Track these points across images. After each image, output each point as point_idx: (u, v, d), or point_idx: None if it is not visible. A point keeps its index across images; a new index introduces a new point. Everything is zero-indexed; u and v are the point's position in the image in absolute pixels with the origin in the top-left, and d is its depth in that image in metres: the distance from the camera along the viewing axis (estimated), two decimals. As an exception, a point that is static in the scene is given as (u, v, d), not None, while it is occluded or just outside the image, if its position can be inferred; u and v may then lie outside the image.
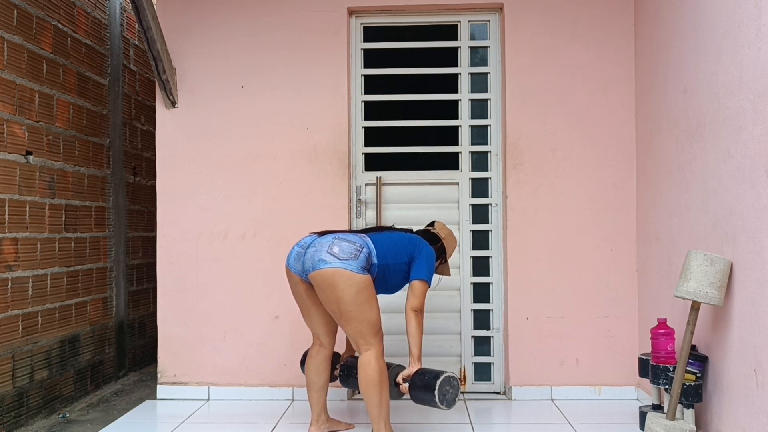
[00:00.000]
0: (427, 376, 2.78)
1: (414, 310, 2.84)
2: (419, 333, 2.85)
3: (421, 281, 2.88)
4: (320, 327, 3.03)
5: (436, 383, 2.71)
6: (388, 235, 2.98)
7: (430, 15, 3.99)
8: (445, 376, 2.75)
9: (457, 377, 2.82)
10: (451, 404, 2.77)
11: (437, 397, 2.71)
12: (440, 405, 2.73)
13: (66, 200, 3.80)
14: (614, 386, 3.77)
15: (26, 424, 3.37)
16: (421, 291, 2.87)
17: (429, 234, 3.13)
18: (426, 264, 2.91)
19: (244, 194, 3.89)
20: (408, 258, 2.92)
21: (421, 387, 2.77)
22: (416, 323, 2.84)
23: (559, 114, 3.83)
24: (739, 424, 2.58)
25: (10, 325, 3.26)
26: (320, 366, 3.05)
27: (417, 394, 2.80)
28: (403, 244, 2.94)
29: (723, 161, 2.68)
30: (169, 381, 3.88)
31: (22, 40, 3.39)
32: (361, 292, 2.75)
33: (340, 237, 2.83)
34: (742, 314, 2.54)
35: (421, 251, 2.94)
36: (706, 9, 2.85)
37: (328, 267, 2.74)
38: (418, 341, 2.85)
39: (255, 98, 3.91)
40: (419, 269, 2.89)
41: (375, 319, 2.82)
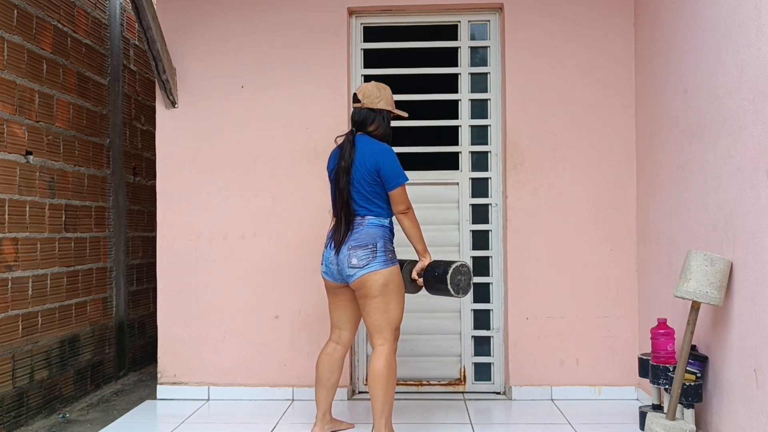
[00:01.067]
0: (437, 271, 2.92)
1: (402, 212, 2.91)
2: (417, 229, 2.94)
3: (397, 188, 2.88)
4: (347, 321, 3.06)
5: (447, 277, 2.86)
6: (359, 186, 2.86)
7: (430, 15, 3.99)
8: (454, 267, 2.88)
9: (467, 264, 2.95)
10: (467, 290, 2.96)
11: (452, 289, 2.87)
12: (456, 294, 2.90)
13: (66, 200, 3.80)
14: (614, 386, 3.77)
15: (26, 424, 3.37)
16: (401, 195, 2.90)
17: (363, 114, 2.95)
18: (392, 167, 2.86)
19: (244, 194, 3.89)
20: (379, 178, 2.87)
21: (435, 281, 2.93)
22: (409, 222, 2.92)
23: (559, 114, 3.83)
24: (739, 424, 2.58)
25: (10, 325, 3.26)
26: (334, 364, 3.06)
27: (432, 286, 2.96)
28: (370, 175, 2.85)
29: (723, 161, 2.68)
30: (169, 381, 3.88)
31: (22, 40, 3.39)
32: (387, 285, 2.84)
33: (353, 246, 2.85)
34: (742, 314, 2.54)
35: (379, 158, 2.85)
36: (706, 9, 2.85)
37: (355, 278, 2.86)
38: (419, 237, 2.95)
39: (255, 98, 3.91)
40: (389, 178, 2.86)
41: (395, 316, 2.88)
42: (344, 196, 2.91)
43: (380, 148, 2.90)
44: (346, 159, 2.91)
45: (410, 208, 2.93)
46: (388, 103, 3.00)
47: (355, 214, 2.91)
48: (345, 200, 2.91)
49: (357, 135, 2.96)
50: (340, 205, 2.94)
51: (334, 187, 2.98)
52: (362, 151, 2.89)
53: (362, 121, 2.97)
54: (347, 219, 2.91)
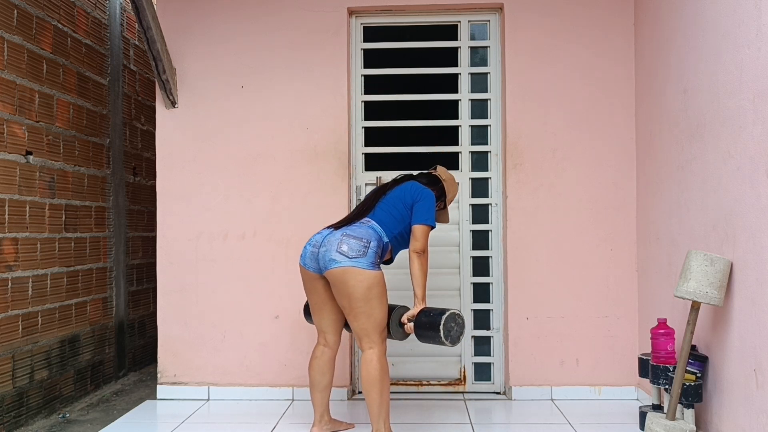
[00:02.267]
0: (432, 313, 2.82)
1: (416, 251, 2.89)
2: (423, 274, 2.89)
3: (422, 225, 2.91)
4: (329, 325, 3.04)
5: (441, 320, 2.75)
6: (387, 203, 2.97)
7: (430, 15, 3.99)
8: (449, 312, 2.79)
9: (461, 315, 2.86)
10: (456, 341, 2.82)
11: (442, 334, 2.75)
12: (445, 341, 2.77)
13: (66, 200, 3.80)
14: (614, 386, 3.77)
15: (26, 424, 3.37)
16: (423, 233, 2.91)
17: (429, 176, 3.15)
18: (426, 207, 2.94)
19: (244, 194, 3.89)
20: (410, 210, 2.96)
21: (426, 325, 2.81)
22: (419, 264, 2.88)
23: (559, 114, 3.83)
24: (739, 424, 2.58)
25: (10, 325, 3.26)
26: (324, 366, 3.06)
27: (422, 332, 2.84)
28: (403, 203, 2.96)
29: (723, 161, 2.68)
30: (169, 381, 3.88)
31: (22, 40, 3.39)
32: (371, 288, 2.79)
33: (347, 233, 2.84)
34: (742, 314, 2.54)
35: (421, 196, 2.97)
36: (706, 9, 2.85)
37: (338, 266, 2.78)
38: (422, 282, 2.89)
39: (255, 98, 3.91)
40: (419, 213, 2.92)
41: (381, 318, 2.85)
42: (369, 202, 3.02)
43: (425, 189, 3.02)
44: (391, 182, 3.10)
45: (426, 252, 2.91)
46: (450, 191, 3.16)
47: (366, 214, 2.95)
48: (369, 203, 3.01)
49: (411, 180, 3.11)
50: (359, 207, 3.03)
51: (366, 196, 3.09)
52: (409, 186, 3.03)
53: (424, 177, 3.12)
54: (359, 213, 2.98)
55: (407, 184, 3.05)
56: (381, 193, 3.05)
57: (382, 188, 3.08)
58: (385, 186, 3.10)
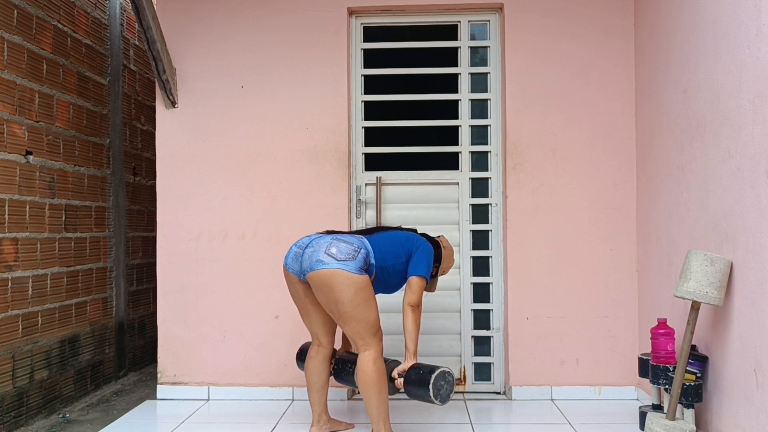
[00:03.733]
0: (422, 370, 2.79)
1: (411, 305, 2.85)
2: (416, 328, 2.86)
3: (419, 277, 2.88)
4: (319, 327, 3.03)
5: (431, 378, 2.73)
6: (387, 235, 2.99)
7: (430, 15, 3.99)
8: (439, 371, 2.76)
9: (452, 373, 2.83)
10: (446, 400, 2.78)
11: (431, 392, 2.72)
12: (434, 400, 2.74)
13: (66, 200, 3.80)
14: (614, 386, 3.77)
15: (26, 424, 3.37)
16: (419, 286, 2.88)
17: (432, 239, 3.12)
18: (424, 260, 2.92)
19: (244, 194, 3.89)
20: (406, 256, 2.93)
21: (416, 382, 2.78)
22: (413, 318, 2.85)
23: (559, 114, 3.83)
24: (739, 424, 2.58)
25: (10, 325, 3.26)
26: (320, 366, 3.06)
27: (412, 389, 2.81)
28: (401, 243, 2.95)
29: (723, 161, 2.68)
30: (169, 381, 3.88)
31: (22, 40, 3.39)
32: (359, 293, 2.76)
33: (338, 238, 2.84)
34: (742, 314, 2.54)
35: (420, 247, 2.96)
36: (706, 9, 2.85)
37: (325, 268, 2.75)
38: (414, 336, 2.86)
39: (255, 98, 3.91)
40: (417, 265, 2.90)
41: (373, 320, 2.83)
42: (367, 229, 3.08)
43: (426, 243, 3.00)
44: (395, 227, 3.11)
45: (420, 306, 2.89)
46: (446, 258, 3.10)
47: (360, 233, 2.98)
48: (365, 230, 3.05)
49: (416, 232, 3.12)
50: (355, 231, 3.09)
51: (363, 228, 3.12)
52: (413, 235, 3.03)
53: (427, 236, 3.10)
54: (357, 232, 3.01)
55: (412, 234, 3.05)
56: (384, 228, 3.08)
57: (386, 227, 3.11)
58: (390, 227, 3.13)
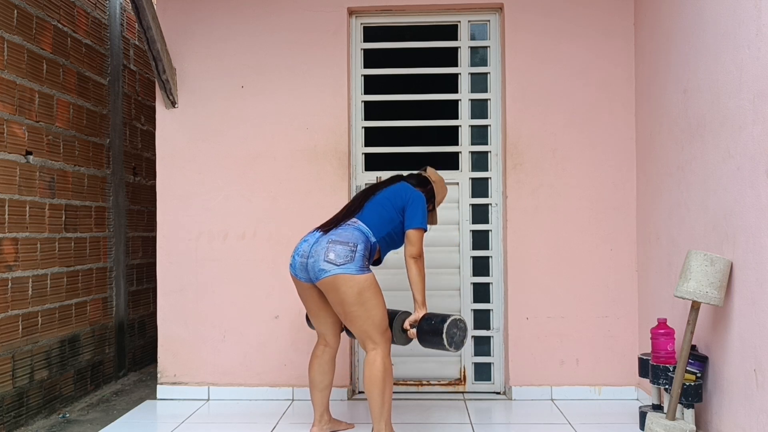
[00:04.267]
0: (434, 320, 2.82)
1: (413, 257, 2.87)
2: (421, 279, 2.88)
3: (416, 229, 2.89)
4: (327, 327, 3.04)
5: (444, 327, 2.76)
6: (376, 204, 2.94)
7: (430, 15, 3.99)
8: (452, 318, 2.79)
9: (464, 319, 2.87)
10: (460, 346, 2.84)
11: (446, 340, 2.76)
12: (449, 347, 2.78)
13: (66, 200, 3.80)
14: (614, 386, 3.77)
15: (26, 424, 3.37)
16: (417, 238, 2.89)
17: (419, 177, 3.12)
18: (418, 211, 2.91)
19: (244, 194, 3.89)
20: (401, 215, 2.93)
21: (429, 331, 2.82)
22: (416, 269, 2.87)
23: (559, 114, 3.83)
24: (739, 424, 2.58)
25: (10, 325, 3.26)
26: (325, 366, 3.05)
27: (425, 338, 2.85)
28: (392, 205, 2.93)
29: (723, 161, 2.68)
30: (169, 381, 3.88)
31: (22, 40, 3.39)
32: (362, 292, 2.76)
33: (333, 240, 2.81)
34: (742, 314, 2.54)
35: (411, 199, 2.94)
36: (706, 9, 2.85)
37: (328, 275, 2.77)
38: (421, 287, 2.88)
39: (255, 98, 3.91)
40: (412, 217, 2.90)
41: (380, 318, 2.83)
42: (357, 202, 2.99)
43: (415, 191, 2.99)
44: (381, 183, 3.04)
45: (422, 256, 2.90)
46: (439, 192, 3.12)
47: (354, 215, 2.91)
48: (357, 202, 2.98)
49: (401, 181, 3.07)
50: (347, 207, 2.99)
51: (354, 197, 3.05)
52: (399, 187, 3.00)
53: (414, 178, 3.09)
54: (347, 213, 2.93)
55: (397, 186, 3.01)
56: (370, 193, 3.01)
57: (372, 189, 3.04)
58: (375, 187, 3.06)
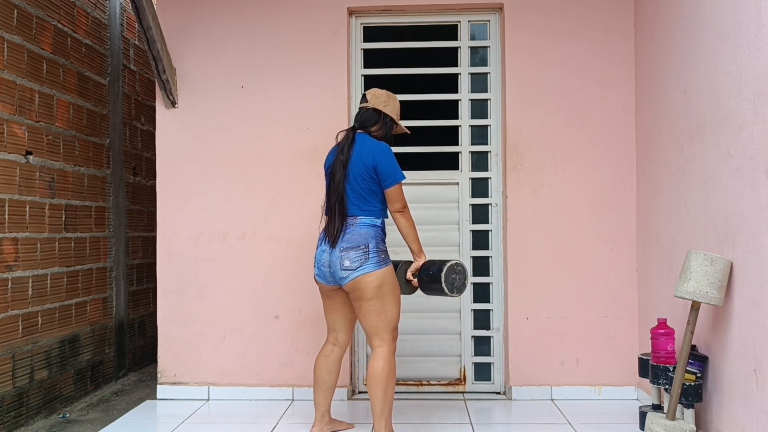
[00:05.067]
0: (431, 270, 2.89)
1: (398, 211, 2.90)
2: (413, 229, 2.92)
3: (394, 186, 2.87)
4: (344, 323, 3.06)
5: (442, 276, 2.82)
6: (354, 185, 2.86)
7: (430, 15, 3.99)
8: (448, 265, 2.85)
9: (461, 263, 2.91)
10: (462, 289, 2.91)
11: (446, 287, 2.83)
12: (450, 293, 2.85)
13: (66, 200, 3.80)
14: (614, 386, 3.77)
15: (26, 424, 3.37)
16: (397, 193, 2.88)
17: (368, 114, 2.98)
18: (389, 165, 2.86)
19: (244, 194, 3.89)
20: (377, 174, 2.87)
21: (429, 280, 2.89)
22: (405, 221, 2.90)
23: (559, 114, 3.83)
24: (739, 424, 2.58)
25: (10, 325, 3.26)
26: (332, 366, 3.06)
27: (427, 286, 2.91)
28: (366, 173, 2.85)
29: (723, 161, 2.69)
30: (169, 381, 3.88)
31: (22, 40, 3.39)
32: (381, 285, 2.82)
33: (344, 248, 2.83)
34: (742, 314, 2.54)
35: (377, 156, 2.86)
36: (706, 9, 2.85)
37: (349, 281, 2.84)
38: (415, 236, 2.92)
39: (255, 98, 3.91)
40: (386, 176, 2.86)
41: (392, 317, 2.87)
42: (339, 190, 2.90)
43: (378, 145, 2.91)
44: (344, 153, 2.91)
45: (406, 207, 2.92)
46: (393, 112, 3.03)
47: (348, 213, 2.88)
48: (340, 194, 2.90)
49: (357, 133, 2.97)
50: (334, 198, 2.92)
51: (329, 181, 2.97)
52: (360, 148, 2.90)
53: (366, 120, 2.99)
54: (341, 214, 2.89)
55: (359, 149, 2.88)
56: (342, 175, 2.88)
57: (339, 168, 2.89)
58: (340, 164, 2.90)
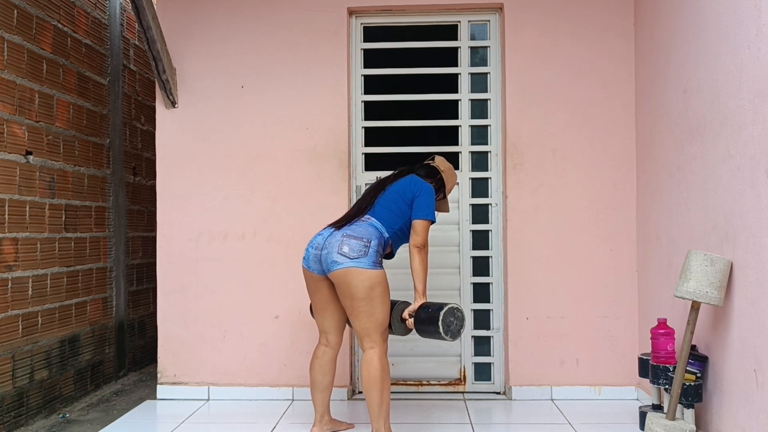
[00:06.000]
0: (430, 308, 2.83)
1: (417, 246, 2.89)
2: (423, 269, 2.90)
3: (423, 220, 2.91)
4: (332, 324, 3.04)
5: (440, 315, 2.76)
6: (387, 199, 2.97)
7: (430, 15, 3.99)
8: (448, 307, 2.79)
9: (460, 308, 2.86)
10: (456, 335, 2.83)
11: (441, 329, 2.76)
12: (445, 336, 2.78)
13: (66, 200, 3.80)
14: (614, 386, 3.77)
15: (26, 424, 3.37)
16: (423, 228, 2.91)
17: (428, 168, 3.14)
18: (426, 201, 2.94)
19: (244, 194, 3.89)
20: (411, 208, 2.95)
21: (426, 320, 2.82)
22: (420, 259, 2.89)
23: (559, 114, 3.83)
24: (739, 424, 2.58)
25: (10, 325, 3.26)
26: (326, 366, 3.06)
27: (422, 327, 2.85)
28: (402, 199, 2.96)
29: (723, 161, 2.68)
30: (169, 381, 3.88)
31: (22, 40, 3.39)
32: (373, 288, 2.80)
33: (348, 234, 2.84)
34: (742, 314, 2.54)
35: (420, 190, 2.97)
36: (706, 9, 2.85)
37: (340, 268, 2.80)
38: (423, 277, 2.90)
39: (255, 98, 3.91)
40: (419, 208, 2.93)
41: (383, 318, 2.85)
42: (370, 196, 3.01)
43: (425, 183, 3.02)
44: (390, 177, 3.08)
45: (426, 246, 2.92)
46: (449, 179, 3.16)
47: (366, 212, 2.95)
48: (368, 199, 3.00)
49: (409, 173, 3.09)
50: (358, 203, 3.03)
51: (364, 192, 3.08)
52: (408, 179, 3.03)
53: (423, 168, 3.13)
54: (359, 209, 2.97)
55: (406, 179, 3.04)
56: (380, 188, 3.04)
57: (382, 183, 3.07)
58: (385, 181, 3.09)
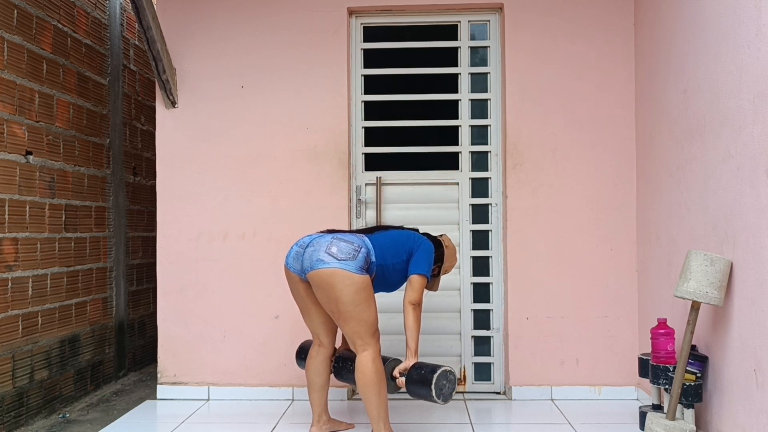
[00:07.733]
0: (423, 370, 2.78)
1: (412, 303, 2.85)
2: (417, 327, 2.86)
3: (420, 275, 2.88)
4: (320, 327, 3.03)
5: (433, 378, 2.71)
6: (388, 234, 2.99)
7: (430, 15, 3.99)
8: (441, 370, 2.75)
9: (454, 371, 2.82)
10: (448, 399, 2.78)
11: (434, 392, 2.71)
12: (437, 399, 2.73)
13: (66, 200, 3.80)
14: (614, 386, 3.77)
15: (26, 424, 3.37)
16: (420, 285, 2.88)
17: (434, 238, 3.11)
18: (425, 258, 2.92)
19: (244, 194, 3.89)
20: (407, 255, 2.93)
21: (418, 381, 2.77)
22: (414, 317, 2.84)
23: (559, 114, 3.83)
24: (739, 423, 2.58)
25: (10, 325, 3.26)
26: (320, 366, 3.06)
27: (413, 388, 2.80)
28: (402, 241, 2.95)
29: (723, 161, 2.68)
30: (169, 381, 3.88)
31: (22, 40, 3.39)
32: (359, 292, 2.76)
33: (338, 237, 2.84)
34: (742, 314, 2.54)
35: (420, 246, 2.95)
36: (706, 9, 2.85)
37: (326, 267, 2.76)
38: (416, 335, 2.86)
39: (255, 98, 3.91)
40: (418, 263, 2.90)
41: (372, 320, 2.84)
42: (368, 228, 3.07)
43: (427, 241, 3.00)
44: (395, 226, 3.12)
45: (420, 305, 2.89)
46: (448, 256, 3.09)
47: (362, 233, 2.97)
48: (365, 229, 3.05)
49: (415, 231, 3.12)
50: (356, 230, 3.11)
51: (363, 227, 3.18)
52: (413, 234, 3.03)
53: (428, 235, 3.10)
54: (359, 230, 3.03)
55: (412, 233, 3.04)
56: (383, 227, 3.08)
57: (386, 226, 3.11)
58: (390, 226, 3.12)
